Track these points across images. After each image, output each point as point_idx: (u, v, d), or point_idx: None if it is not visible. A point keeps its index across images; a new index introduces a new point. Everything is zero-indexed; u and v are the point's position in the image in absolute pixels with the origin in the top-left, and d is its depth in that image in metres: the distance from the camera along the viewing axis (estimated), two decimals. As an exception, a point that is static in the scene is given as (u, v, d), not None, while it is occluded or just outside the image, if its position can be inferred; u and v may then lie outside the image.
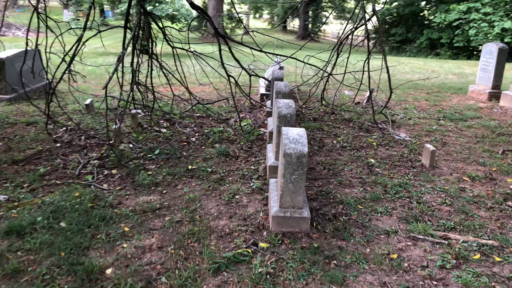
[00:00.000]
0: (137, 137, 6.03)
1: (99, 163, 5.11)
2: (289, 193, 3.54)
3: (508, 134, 6.84)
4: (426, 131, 6.84)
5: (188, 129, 6.48)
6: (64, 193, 4.31)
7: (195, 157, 5.42)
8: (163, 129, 6.45)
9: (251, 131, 6.42)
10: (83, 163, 5.09)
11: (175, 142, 5.84)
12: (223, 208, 4.05)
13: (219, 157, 5.41)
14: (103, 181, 4.70)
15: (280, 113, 4.49)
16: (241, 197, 4.28)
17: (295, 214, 3.56)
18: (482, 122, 7.58)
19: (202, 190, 4.46)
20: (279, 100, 4.74)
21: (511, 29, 20.86)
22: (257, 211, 3.97)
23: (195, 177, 4.81)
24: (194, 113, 7.45)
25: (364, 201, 4.22)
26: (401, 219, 3.91)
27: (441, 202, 4.24)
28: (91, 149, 5.58)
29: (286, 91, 5.74)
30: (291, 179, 3.49)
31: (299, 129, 3.71)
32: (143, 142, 5.86)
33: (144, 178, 4.69)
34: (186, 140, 6.03)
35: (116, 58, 6.43)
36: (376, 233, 3.65)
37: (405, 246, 3.47)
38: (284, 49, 7.68)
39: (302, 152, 3.42)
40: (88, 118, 6.83)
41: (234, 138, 6.12)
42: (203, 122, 6.95)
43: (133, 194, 4.37)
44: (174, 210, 4.01)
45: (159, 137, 6.10)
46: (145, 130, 6.39)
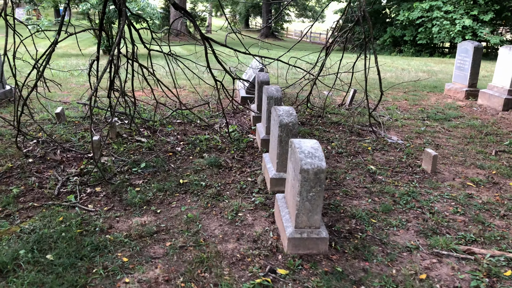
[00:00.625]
0: (117, 148, 5.56)
1: (80, 180, 4.63)
2: (306, 212, 3.24)
3: (495, 133, 6.82)
4: (415, 133, 6.72)
5: (171, 138, 6.06)
6: (44, 217, 3.84)
7: (185, 169, 5.03)
8: (144, 138, 6.01)
9: (240, 138, 6.08)
10: (61, 180, 4.60)
11: (160, 153, 5.42)
12: (228, 229, 3.70)
13: (211, 168, 5.04)
14: (87, 201, 4.25)
15: (282, 121, 4.19)
16: (245, 215, 3.94)
17: (313, 235, 3.27)
18: (466, 121, 7.56)
19: (200, 208, 4.09)
20: (278, 107, 4.43)
21: (471, 27, 21.45)
22: (266, 231, 3.65)
23: (189, 193, 4.43)
24: (175, 119, 7.02)
25: (376, 214, 3.98)
26: (418, 232, 3.69)
27: (454, 212, 4.06)
28: (68, 164, 5.07)
29: (278, 96, 5.44)
30: (308, 197, 3.19)
31: (312, 141, 3.41)
32: (125, 154, 5.41)
33: (133, 196, 4.27)
34: (171, 150, 5.62)
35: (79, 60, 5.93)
36: (397, 251, 3.41)
37: (430, 264, 3.24)
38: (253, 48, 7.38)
39: (320, 167, 3.13)
40: (60, 128, 6.28)
41: (223, 147, 5.76)
42: (186, 129, 6.54)
43: (124, 215, 3.95)
44: (174, 233, 3.62)
45: (141, 147, 5.66)
46: (125, 140, 5.92)
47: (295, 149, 3.29)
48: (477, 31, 21.38)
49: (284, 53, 6.81)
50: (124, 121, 6.63)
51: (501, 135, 6.74)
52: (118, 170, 4.91)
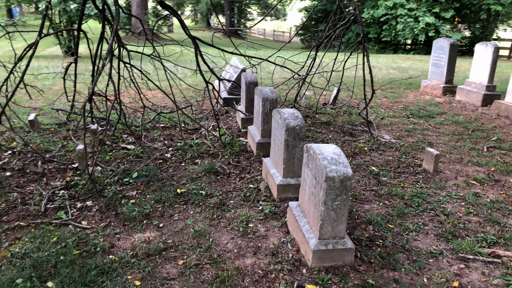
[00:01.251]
0: (103, 157, 5.19)
1: (68, 194, 4.25)
2: (331, 222, 3.05)
3: (481, 129, 6.89)
4: (405, 131, 6.68)
5: (159, 144, 5.73)
6: (35, 238, 3.47)
7: (180, 177, 4.73)
8: (130, 145, 5.65)
9: (231, 142, 5.82)
10: (46, 195, 4.21)
11: (150, 161, 5.10)
12: (241, 242, 3.46)
13: (207, 175, 4.77)
14: (79, 217, 3.89)
15: (289, 125, 3.98)
16: (256, 226, 3.71)
17: (338, 246, 3.08)
18: (450, 118, 7.61)
19: (206, 220, 3.82)
20: (282, 110, 4.22)
21: (434, 24, 22.00)
22: (283, 242, 3.43)
23: (190, 203, 4.15)
24: (157, 123, 6.67)
25: (391, 219, 3.84)
26: (438, 236, 3.57)
27: (467, 212, 3.99)
28: (51, 177, 4.67)
29: (274, 97, 5.23)
30: (333, 206, 3.00)
31: (331, 146, 3.22)
32: (113, 163, 5.05)
33: (130, 209, 3.95)
34: (160, 157, 5.30)
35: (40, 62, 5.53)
36: (422, 257, 3.28)
37: (459, 270, 3.12)
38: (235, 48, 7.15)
39: (347, 174, 2.94)
40: (36, 137, 5.81)
41: (215, 152, 5.49)
42: (171, 134, 6.22)
43: (124, 232, 3.63)
44: (184, 250, 3.34)
45: (128, 155, 5.31)
46: (109, 148, 5.54)
47: (316, 155, 3.09)
48: (439, 28, 21.94)
49: (272, 53, 6.61)
50: (104, 127, 6.23)
51: (487, 131, 6.81)
52: (108, 181, 4.56)
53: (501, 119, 7.57)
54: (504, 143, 6.18)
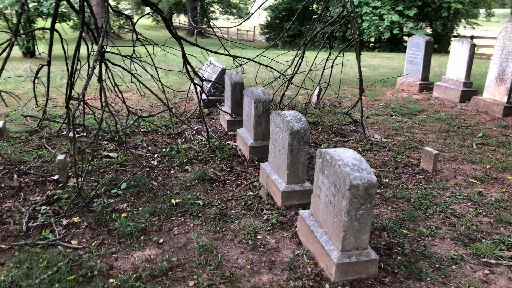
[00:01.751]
0: (85, 167, 4.79)
1: (52, 210, 3.87)
2: (354, 233, 2.85)
3: (464, 126, 6.91)
4: (392, 129, 6.61)
5: (143, 150, 5.38)
6: (21, 263, 3.09)
7: (172, 186, 4.43)
8: (112, 152, 5.27)
9: (220, 146, 5.55)
10: (27, 212, 3.80)
11: (137, 170, 4.75)
12: (252, 256, 3.21)
13: (201, 183, 4.49)
14: (67, 235, 3.52)
15: (293, 128, 3.75)
16: (265, 237, 3.46)
17: (362, 258, 2.88)
18: (431, 115, 7.62)
19: (209, 233, 3.54)
20: (283, 112, 3.99)
21: (398, 22, 22.39)
22: (298, 255, 3.20)
23: (188, 215, 3.85)
24: (137, 128, 6.30)
25: (404, 223, 3.69)
26: (454, 240, 3.45)
27: (476, 213, 3.89)
28: (30, 191, 4.25)
29: (266, 98, 4.99)
30: (357, 216, 2.80)
31: (349, 151, 3.02)
32: (96, 174, 4.67)
33: (123, 224, 3.62)
34: (147, 164, 4.96)
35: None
36: (445, 264, 3.13)
37: (485, 276, 3.00)
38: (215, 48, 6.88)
39: (371, 181, 2.75)
40: (6, 147, 5.33)
41: (205, 157, 5.20)
42: (154, 139, 5.87)
43: (121, 250, 3.30)
44: (193, 269, 3.06)
45: (111, 164, 4.94)
46: (89, 156, 5.14)
47: (335, 161, 2.88)
48: (403, 25, 22.36)
49: (259, 54, 6.38)
50: (81, 134, 5.80)
51: (471, 127, 6.84)
52: (95, 194, 4.19)
53: (481, 115, 7.65)
54: (490, 139, 6.20)
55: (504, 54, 7.52)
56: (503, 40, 7.55)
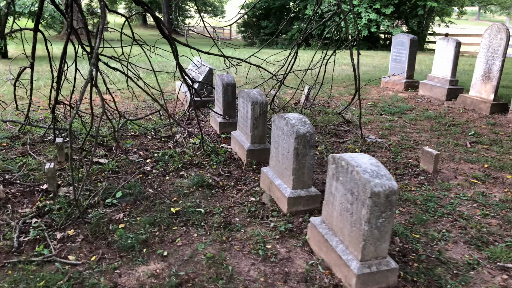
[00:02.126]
0: (75, 175, 4.54)
1: (44, 223, 3.63)
2: (373, 242, 2.74)
3: (454, 124, 6.93)
4: (385, 129, 6.57)
5: (135, 156, 5.16)
6: (17, 283, 2.87)
7: (169, 193, 4.24)
8: (102, 159, 5.03)
9: (214, 149, 5.37)
10: (17, 226, 3.56)
11: (132, 177, 4.54)
12: (264, 268, 3.06)
13: (200, 190, 4.31)
14: (63, 250, 3.30)
15: (299, 132, 3.62)
16: (274, 247, 3.32)
17: (382, 267, 2.78)
18: (420, 113, 7.63)
19: (216, 243, 3.38)
20: (287, 115, 3.86)
21: (375, 20, 22.57)
22: (312, 265, 3.08)
23: (190, 224, 3.68)
24: (125, 132, 6.06)
25: (413, 227, 3.61)
26: (467, 244, 3.39)
27: (483, 214, 3.85)
28: (17, 202, 3.99)
29: (264, 100, 4.85)
30: (377, 224, 2.69)
31: (365, 156, 2.91)
32: (88, 182, 4.43)
33: (122, 236, 3.42)
34: (139, 170, 4.75)
35: None
36: (462, 269, 3.06)
37: (504, 282, 2.94)
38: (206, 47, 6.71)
39: (392, 188, 2.64)
40: (-13, 154, 5.03)
41: (200, 161, 5.02)
42: (144, 143, 5.65)
43: (124, 266, 3.10)
44: (203, 284, 2.89)
45: (102, 171, 4.71)
46: (78, 163, 4.89)
47: (353, 167, 2.76)
48: (380, 23, 22.55)
49: (251, 54, 6.22)
50: (66, 138, 5.52)
51: (461, 125, 6.87)
52: (88, 204, 3.96)
53: (468, 113, 7.70)
54: (482, 137, 6.23)
55: (490, 52, 7.59)
56: (488, 38, 7.62)
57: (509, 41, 7.36)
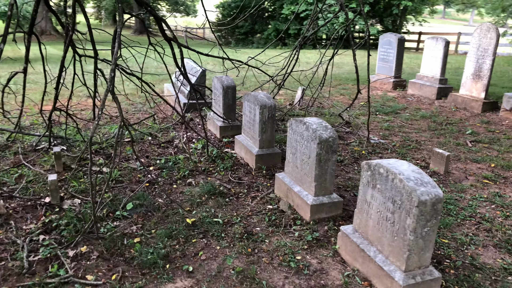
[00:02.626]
0: (77, 185, 4.29)
1: (52, 240, 3.38)
2: (417, 251, 2.64)
3: (450, 123, 6.97)
4: (384, 129, 6.54)
5: (137, 163, 4.93)
6: (36, 309, 2.63)
7: (181, 203, 4.05)
8: (104, 167, 4.78)
9: (218, 154, 5.19)
10: (24, 245, 3.31)
11: (141, 187, 4.32)
12: (299, 281, 2.93)
13: (212, 198, 4.14)
14: (78, 269, 3.08)
15: (322, 137, 3.50)
16: (304, 258, 3.19)
17: (426, 277, 2.69)
18: (414, 112, 7.66)
19: (242, 256, 3.22)
20: (306, 119, 3.73)
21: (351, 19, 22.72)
22: (348, 276, 2.96)
23: (210, 236, 3.50)
24: (122, 138, 5.80)
25: (440, 231, 3.55)
26: (497, 247, 3.35)
27: (504, 216, 3.84)
28: (20, 218, 3.72)
29: (272, 104, 4.71)
30: (422, 234, 2.60)
31: (404, 163, 2.82)
32: (92, 193, 4.18)
33: (140, 252, 3.22)
34: (144, 178, 4.54)
35: None
36: (499, 275, 3.01)
37: (542, 286, 2.91)
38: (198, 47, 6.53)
39: (438, 196, 2.55)
40: (-23, 166, 4.70)
41: (206, 167, 4.84)
42: (143, 150, 5.42)
43: (149, 284, 2.91)
44: (239, 301, 2.73)
45: (104, 180, 4.46)
46: (77, 172, 4.63)
47: (395, 175, 2.66)
48: (357, 23, 22.75)
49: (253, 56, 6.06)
50: (61, 147, 5.24)
51: (456, 124, 6.92)
52: (98, 217, 3.73)
53: (461, 111, 7.77)
54: (479, 136, 6.28)
55: (480, 52, 7.68)
56: (478, 37, 7.71)
57: (499, 40, 7.47)
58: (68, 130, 5.79)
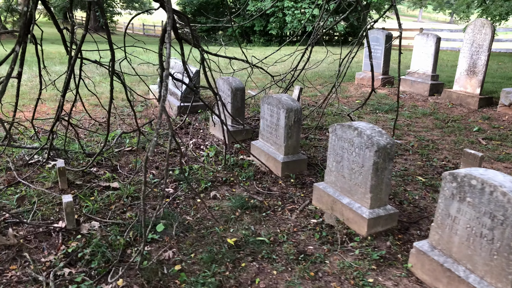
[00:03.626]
0: (91, 205, 3.77)
1: (81, 274, 2.89)
2: (523, 271, 2.39)
3: (453, 120, 6.89)
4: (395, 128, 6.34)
5: (151, 176, 4.44)
6: None
7: (213, 220, 3.63)
8: (113, 182, 4.27)
9: (236, 162, 4.79)
10: (50, 282, 2.80)
11: (164, 205, 3.85)
12: (382, 308, 2.61)
13: (247, 213, 3.75)
14: (121, 310, 2.62)
15: (379, 144, 3.20)
16: (377, 280, 2.87)
17: (531, 298, 2.44)
18: (412, 110, 7.54)
19: (306, 282, 2.86)
20: (355, 124, 3.42)
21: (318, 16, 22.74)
22: (434, 299, 2.67)
23: (260, 258, 3.12)
24: (122, 146, 5.28)
25: None
26: None
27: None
28: (34, 248, 3.19)
29: (298, 107, 4.37)
30: (530, 251, 2.34)
31: (497, 173, 2.55)
32: (107, 212, 3.69)
33: (191, 283, 2.80)
34: (162, 193, 4.07)
35: None
36: None
37: None
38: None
39: (548, 209, 2.30)
40: (-36, 186, 4.06)
41: (227, 178, 4.43)
42: (150, 159, 4.93)
43: (212, 325, 2.50)
44: None
45: (119, 197, 3.97)
46: (84, 188, 4.10)
47: (496, 188, 2.38)
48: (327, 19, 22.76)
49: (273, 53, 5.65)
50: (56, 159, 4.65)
51: (459, 121, 6.84)
52: (125, 243, 3.25)
53: (457, 108, 7.73)
54: (487, 132, 6.21)
55: (474, 47, 7.65)
56: (472, 33, 7.68)
57: (493, 36, 7.46)
58: (61, 140, 5.20)
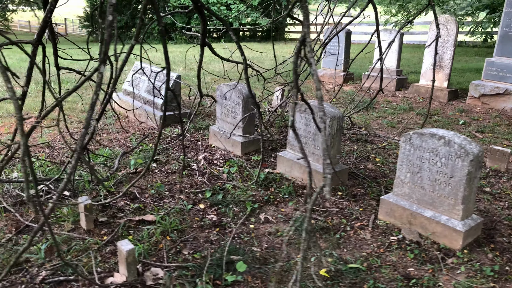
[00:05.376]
0: (141, 248, 3.15)
1: None
2: None
3: (433, 114, 7.06)
4: (390, 127, 6.33)
5: (184, 203, 3.88)
6: None
7: (280, 247, 3.23)
8: (145, 215, 3.64)
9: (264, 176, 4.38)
10: None
11: (202, 234, 3.35)
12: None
13: (318, 236, 3.40)
14: None
15: (473, 152, 3.03)
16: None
17: None
18: (389, 106, 7.63)
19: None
20: (438, 131, 3.22)
21: (245, 11, 22.55)
22: None
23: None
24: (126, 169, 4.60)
25: None
26: None
27: None
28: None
29: (339, 114, 4.08)
30: None
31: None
32: (164, 254, 3.12)
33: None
34: (204, 222, 3.57)
35: None
36: None
37: None
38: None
39: None
40: (-43, 239, 3.19)
41: (269, 197, 4.02)
42: (165, 182, 4.34)
43: None
44: None
45: (164, 233, 3.39)
46: (113, 226, 3.44)
47: None
48: (250, 15, 22.63)
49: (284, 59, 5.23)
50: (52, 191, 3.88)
51: (440, 115, 7.03)
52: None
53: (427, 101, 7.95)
54: (471, 125, 6.44)
55: (440, 42, 7.92)
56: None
57: (458, 31, 7.79)
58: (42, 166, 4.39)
